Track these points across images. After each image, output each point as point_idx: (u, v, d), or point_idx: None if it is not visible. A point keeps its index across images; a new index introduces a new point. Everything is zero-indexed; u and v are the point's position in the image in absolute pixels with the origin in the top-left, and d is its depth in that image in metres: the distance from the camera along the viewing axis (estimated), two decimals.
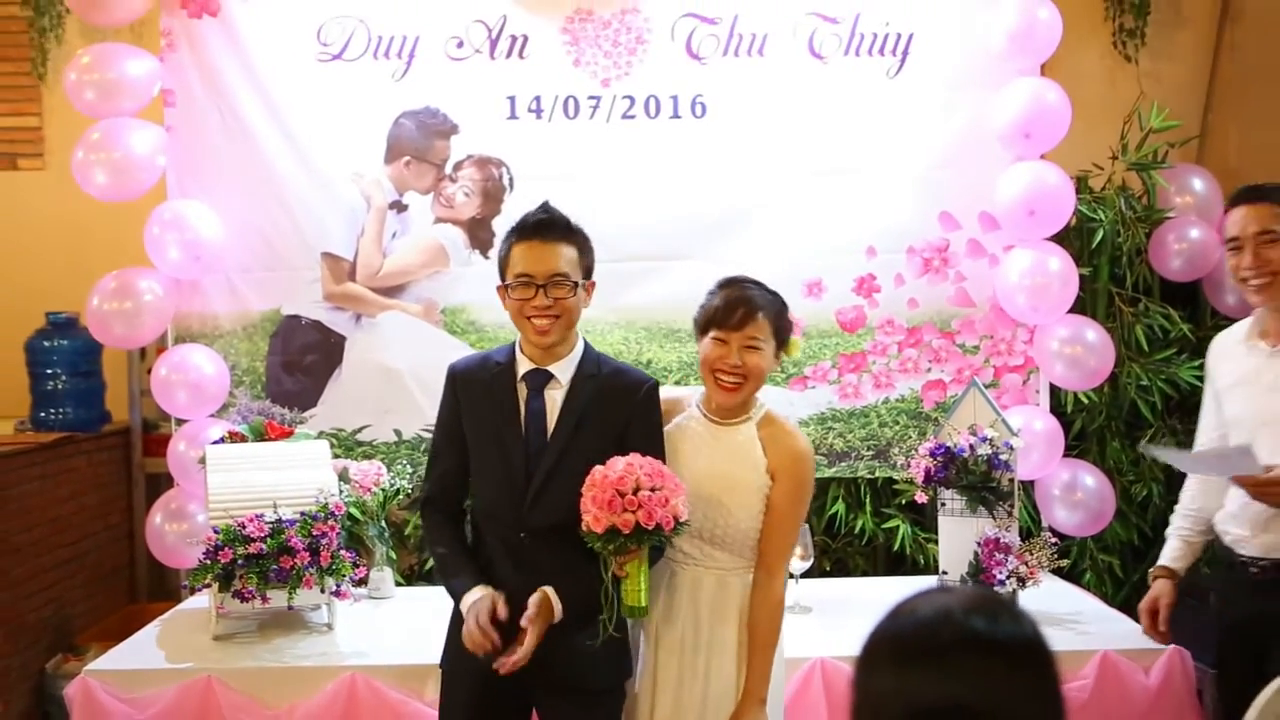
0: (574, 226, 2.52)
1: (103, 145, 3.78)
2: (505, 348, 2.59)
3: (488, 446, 2.50)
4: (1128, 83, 4.56)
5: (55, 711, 4.01)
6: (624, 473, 2.27)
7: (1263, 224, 2.64)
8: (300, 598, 3.01)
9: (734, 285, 2.55)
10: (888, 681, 1.15)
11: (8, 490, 4.08)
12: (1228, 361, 2.81)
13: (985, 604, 1.17)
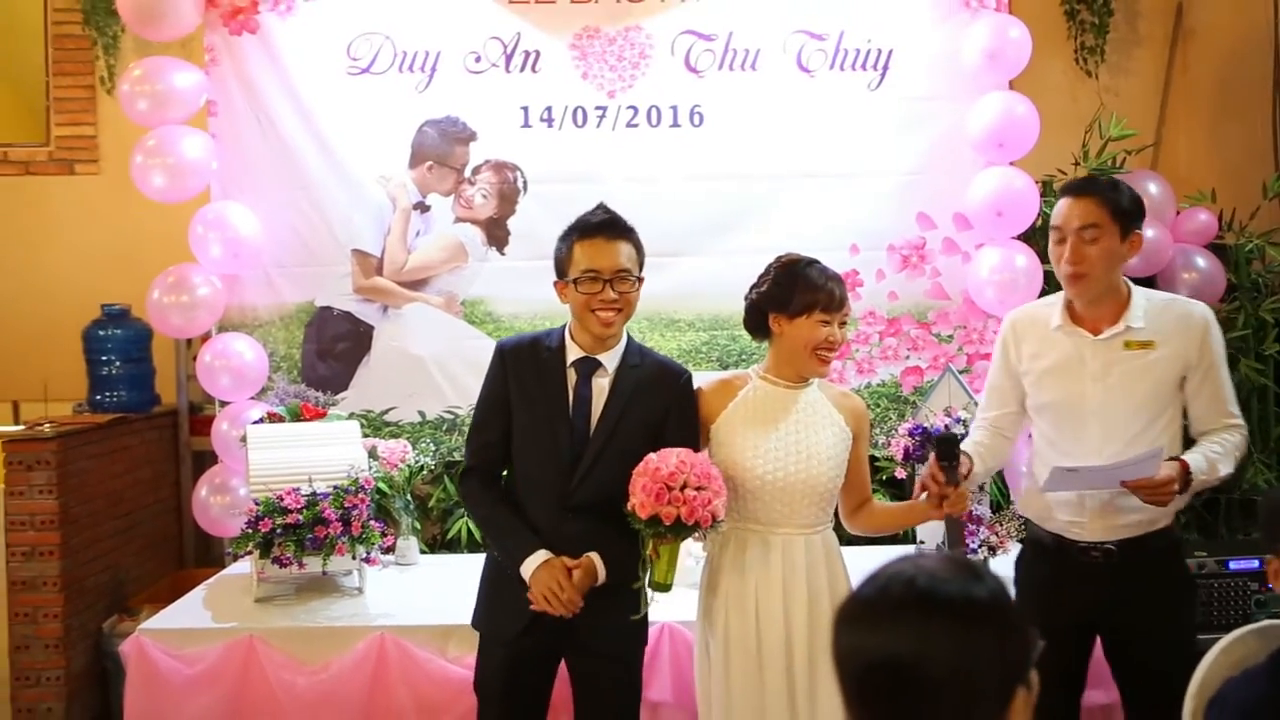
0: (630, 226, 2.47)
1: (158, 151, 3.76)
2: (555, 332, 2.51)
3: (536, 425, 2.44)
4: (1088, 96, 4.55)
5: (112, 667, 4.00)
6: (676, 469, 2.24)
7: (1085, 219, 2.42)
8: (333, 564, 3.01)
9: (817, 267, 2.48)
10: (844, 639, 1.12)
11: (68, 466, 4.06)
12: (1036, 344, 2.54)
13: (947, 566, 1.12)
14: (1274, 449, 3.96)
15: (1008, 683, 1.09)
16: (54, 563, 4.01)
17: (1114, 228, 2.43)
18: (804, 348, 2.42)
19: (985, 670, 1.08)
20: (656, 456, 2.29)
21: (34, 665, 4.01)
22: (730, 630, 2.44)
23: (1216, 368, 2.48)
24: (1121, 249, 2.46)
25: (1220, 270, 3.96)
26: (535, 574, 2.34)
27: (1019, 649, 1.11)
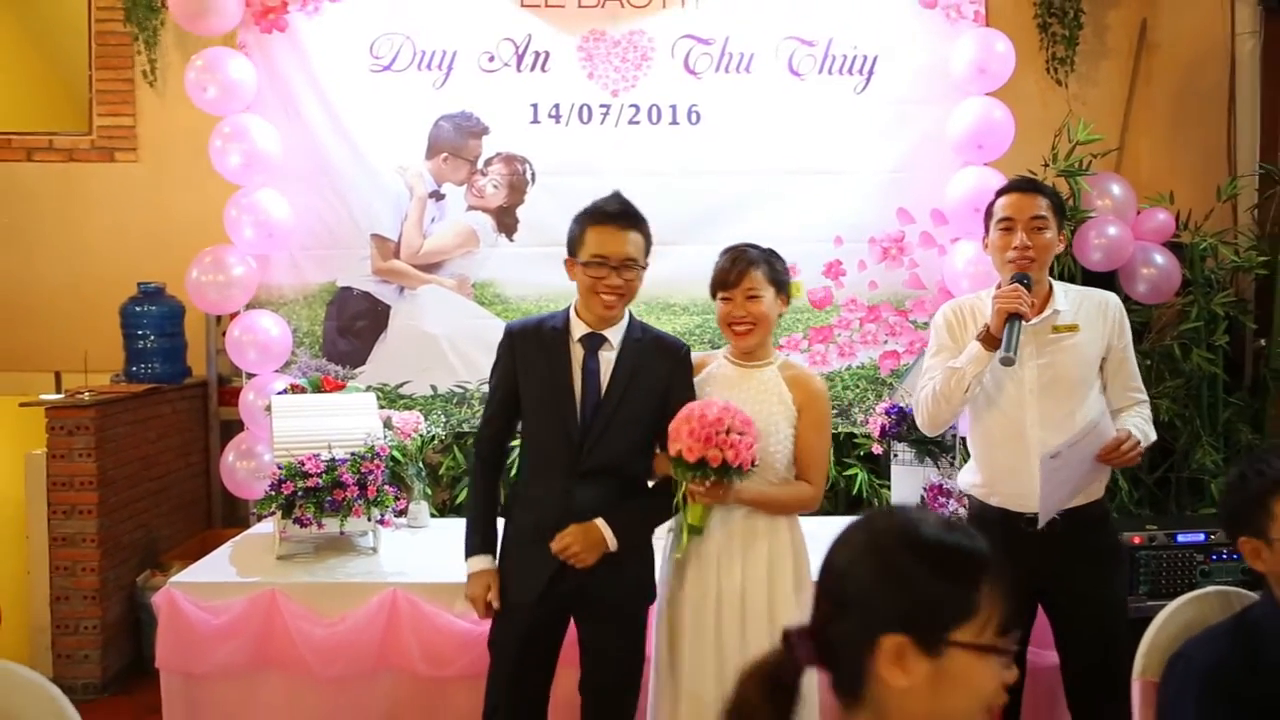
0: (641, 216, 2.44)
1: (234, 136, 3.77)
2: (559, 314, 2.49)
3: (546, 399, 2.41)
4: (1058, 103, 4.54)
5: (145, 618, 4.01)
6: (720, 414, 2.25)
7: (1036, 210, 2.46)
8: (350, 525, 3.00)
9: (730, 250, 2.52)
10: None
11: (105, 433, 4.06)
12: (976, 330, 2.49)
13: (940, 520, 1.11)
14: (1222, 433, 3.96)
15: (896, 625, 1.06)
16: (92, 521, 4.01)
17: (1055, 222, 2.51)
18: (721, 323, 2.50)
19: (888, 605, 1.07)
20: (699, 405, 2.29)
21: (73, 615, 4.02)
22: (688, 596, 2.45)
23: (1129, 348, 2.55)
24: (1058, 242, 2.53)
25: (1176, 266, 3.96)
26: (473, 576, 2.40)
27: (931, 605, 1.06)
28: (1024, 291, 2.37)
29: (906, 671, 1.05)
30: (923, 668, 1.05)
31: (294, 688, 2.80)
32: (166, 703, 2.84)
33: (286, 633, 2.77)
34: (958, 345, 2.56)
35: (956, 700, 1.06)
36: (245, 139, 3.75)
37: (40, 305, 4.91)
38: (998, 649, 1.07)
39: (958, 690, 1.06)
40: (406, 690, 2.81)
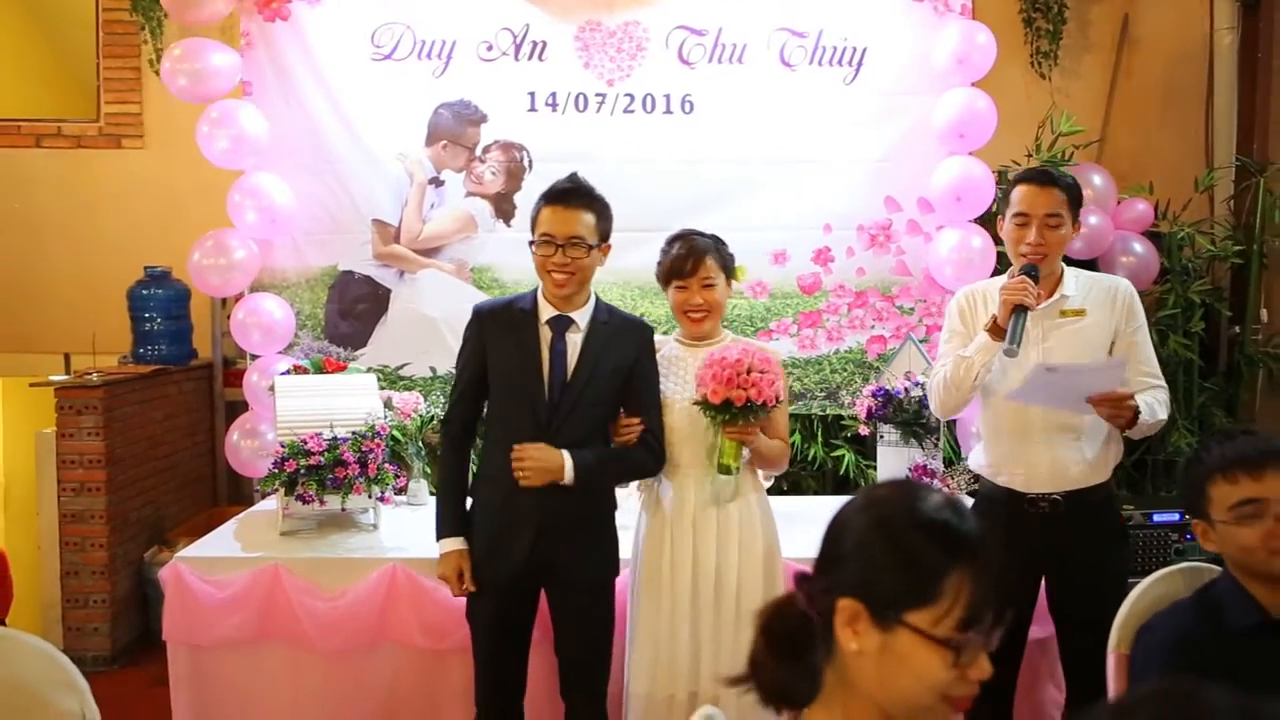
0: (595, 195, 2.40)
1: (221, 122, 3.73)
2: (528, 295, 2.47)
3: (514, 380, 2.40)
4: (1042, 95, 4.51)
5: (152, 593, 4.00)
6: (741, 356, 2.29)
7: (1051, 207, 2.41)
8: (351, 502, 2.98)
9: (681, 240, 2.51)
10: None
11: (113, 412, 4.04)
12: (987, 316, 2.45)
13: (943, 498, 1.09)
14: (1196, 416, 3.97)
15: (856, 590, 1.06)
16: (100, 498, 4.00)
17: (1070, 216, 2.45)
18: (675, 310, 2.52)
19: (854, 569, 1.07)
20: (719, 351, 2.34)
21: (82, 589, 4.01)
22: (647, 563, 2.49)
23: (1141, 333, 2.49)
24: (1072, 234, 2.48)
25: (1155, 255, 3.95)
26: (444, 555, 2.40)
27: (891, 580, 1.05)
28: (1030, 284, 2.34)
29: (858, 636, 1.05)
30: (874, 638, 1.04)
31: (296, 659, 2.79)
32: (173, 674, 2.83)
33: (289, 606, 2.76)
34: (969, 331, 2.54)
35: (902, 679, 1.04)
36: (234, 124, 3.70)
37: (50, 289, 4.89)
38: (947, 642, 1.02)
39: (903, 670, 1.04)
40: (405, 662, 2.80)
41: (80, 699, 1.63)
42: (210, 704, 2.82)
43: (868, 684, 1.06)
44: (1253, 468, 1.65)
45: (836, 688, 1.09)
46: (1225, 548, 1.69)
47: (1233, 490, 1.66)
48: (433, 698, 2.79)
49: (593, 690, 2.48)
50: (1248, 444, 1.68)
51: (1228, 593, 1.72)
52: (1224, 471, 1.67)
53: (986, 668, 1.05)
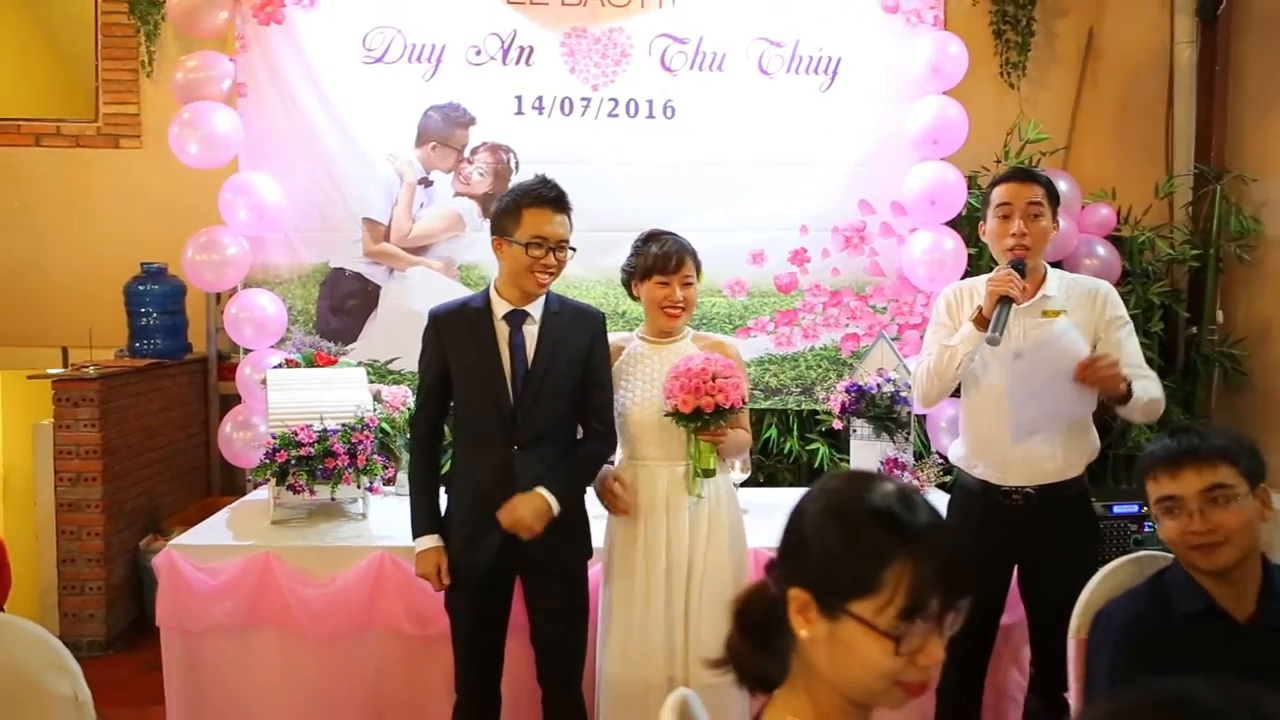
0: (569, 201, 2.41)
1: (192, 124, 3.69)
2: (479, 295, 2.45)
3: (478, 377, 2.37)
4: (1010, 104, 4.54)
5: (147, 580, 3.97)
6: (705, 365, 2.30)
7: (1033, 197, 2.42)
8: (341, 491, 2.96)
9: (659, 239, 2.51)
10: None
11: (110, 404, 4.02)
12: (970, 312, 2.45)
13: (898, 490, 1.08)
14: None
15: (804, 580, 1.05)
16: (96, 488, 3.97)
17: (1050, 210, 2.46)
18: (653, 305, 2.50)
19: (803, 560, 1.07)
20: (682, 362, 2.34)
21: (78, 576, 3.98)
22: (619, 552, 2.50)
23: (1124, 331, 2.46)
24: (1052, 228, 2.48)
25: (1117, 258, 3.98)
26: (420, 555, 2.40)
27: (834, 572, 1.04)
28: (1016, 277, 2.34)
29: (809, 624, 1.05)
30: (823, 627, 1.04)
31: (287, 644, 2.77)
32: (166, 659, 2.80)
33: (280, 593, 2.74)
34: (954, 324, 2.54)
35: (851, 666, 1.03)
36: (206, 125, 3.66)
37: (48, 284, 4.84)
38: (888, 633, 1.00)
39: (850, 658, 1.03)
40: (392, 647, 2.78)
41: (73, 682, 1.62)
42: (202, 688, 2.80)
43: (823, 670, 1.06)
44: (1171, 466, 1.67)
45: (801, 671, 1.09)
46: (1163, 537, 1.72)
47: (1156, 487, 1.70)
48: (419, 682, 2.78)
49: (568, 675, 2.48)
50: (1174, 443, 1.70)
51: (1176, 581, 1.73)
52: (1151, 469, 1.71)
53: (937, 654, 1.03)
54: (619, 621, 2.48)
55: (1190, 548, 1.65)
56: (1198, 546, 1.64)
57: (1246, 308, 4.08)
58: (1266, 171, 3.98)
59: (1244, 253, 3.97)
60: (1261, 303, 4.02)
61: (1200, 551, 1.64)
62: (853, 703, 1.07)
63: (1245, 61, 4.10)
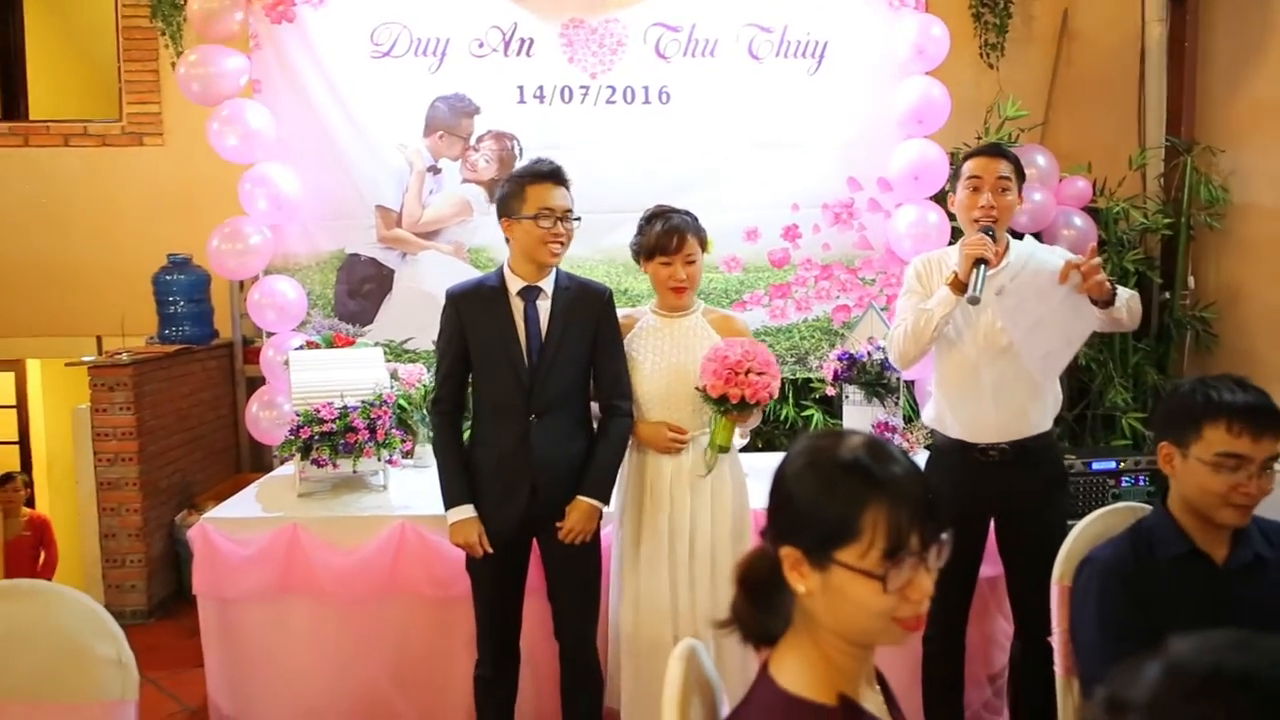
0: (567, 176, 2.41)
1: (230, 120, 3.64)
2: (492, 274, 2.45)
3: (495, 352, 2.37)
4: (990, 83, 4.49)
5: (183, 553, 3.99)
6: (743, 357, 2.27)
7: (1001, 172, 2.40)
8: (362, 465, 2.96)
9: (662, 218, 2.47)
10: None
11: (143, 388, 4.02)
12: (940, 281, 2.45)
13: (874, 442, 1.08)
14: (1131, 375, 3.97)
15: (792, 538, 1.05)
16: (133, 467, 3.97)
17: (1017, 185, 2.44)
18: (659, 283, 2.49)
19: (789, 519, 1.07)
20: (725, 346, 2.32)
21: (119, 550, 4.00)
22: (630, 516, 2.50)
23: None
24: (1017, 202, 2.47)
25: (1093, 228, 3.94)
26: (457, 525, 2.38)
27: (816, 525, 1.04)
28: (989, 240, 2.33)
29: (803, 579, 1.05)
30: (815, 579, 1.04)
31: (315, 609, 2.78)
32: (204, 625, 2.82)
33: (307, 561, 2.75)
34: (925, 291, 2.52)
35: (848, 611, 1.04)
36: (241, 121, 3.62)
37: (81, 276, 4.84)
38: (873, 574, 1.01)
39: (845, 604, 1.03)
40: (415, 610, 2.79)
41: (116, 645, 1.63)
42: (238, 651, 2.81)
43: (823, 618, 1.06)
44: (1256, 428, 1.58)
45: (803, 622, 1.09)
46: (1185, 481, 1.65)
47: (1229, 440, 1.59)
48: (441, 641, 2.79)
49: (583, 633, 2.49)
50: (1259, 402, 1.60)
51: (1158, 526, 1.72)
52: (1233, 420, 1.59)
53: (926, 587, 1.03)
54: (631, 582, 2.49)
55: (1230, 504, 1.60)
56: (1239, 505, 1.60)
57: (1216, 273, 4.05)
58: (1234, 142, 3.94)
59: (1213, 220, 3.93)
60: (1230, 268, 3.99)
61: (1237, 510, 1.61)
62: (855, 644, 1.08)
63: (1213, 38, 4.05)
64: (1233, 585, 1.64)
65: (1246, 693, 0.58)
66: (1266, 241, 3.79)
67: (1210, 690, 0.59)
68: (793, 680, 1.07)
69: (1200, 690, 0.59)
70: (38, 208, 4.84)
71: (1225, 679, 0.59)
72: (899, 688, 1.22)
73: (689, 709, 1.12)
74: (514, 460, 2.36)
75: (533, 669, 2.66)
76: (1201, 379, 1.67)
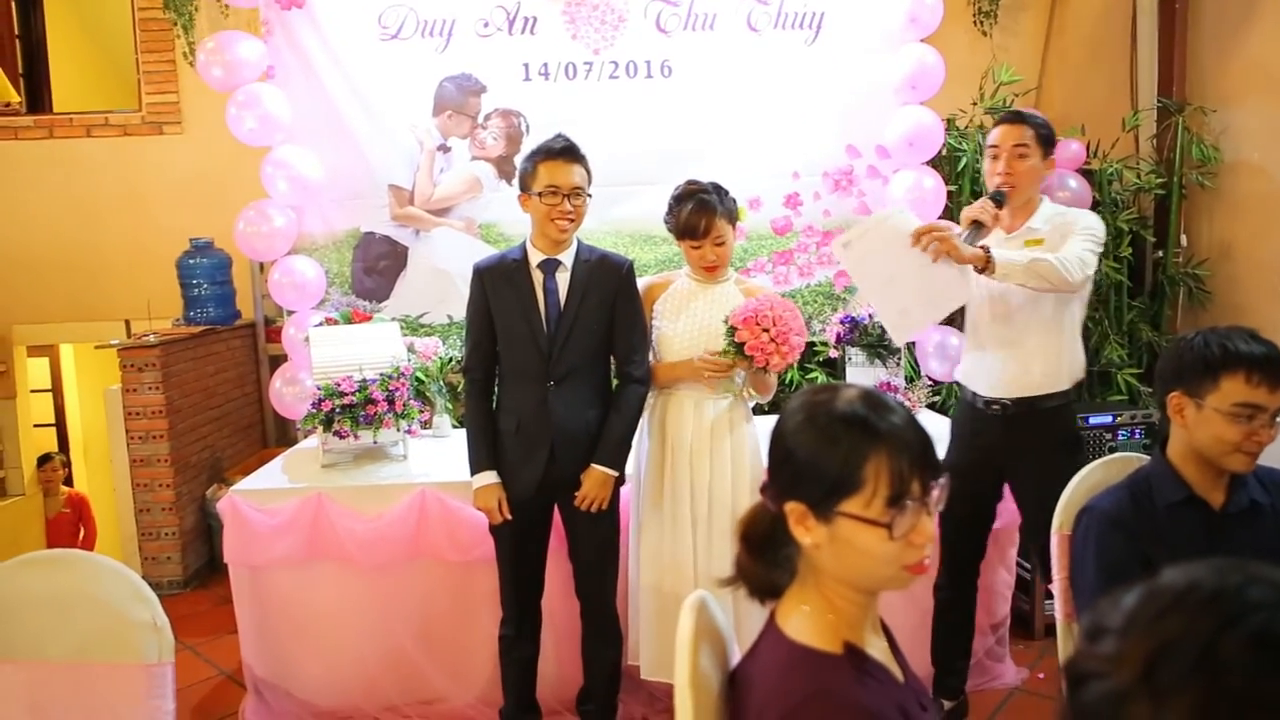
0: (582, 152, 2.39)
1: (247, 104, 3.57)
2: (516, 248, 2.45)
3: (516, 321, 2.38)
4: (984, 50, 4.42)
5: (214, 524, 4.00)
6: (771, 317, 2.26)
7: (1018, 139, 2.38)
8: (382, 435, 2.96)
9: (691, 199, 2.42)
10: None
11: (170, 368, 4.02)
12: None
13: (864, 394, 1.06)
14: (1126, 331, 3.93)
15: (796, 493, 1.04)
16: (164, 444, 3.98)
17: (1038, 149, 2.40)
18: (693, 264, 2.48)
19: (792, 475, 1.05)
20: (772, 300, 2.32)
21: (154, 524, 4.02)
22: (649, 476, 2.49)
23: (1072, 234, 2.35)
24: (1042, 166, 2.43)
25: (1088, 189, 3.87)
26: (480, 490, 2.39)
27: (819, 478, 1.02)
28: (990, 204, 2.32)
29: (809, 532, 1.04)
30: (822, 531, 1.03)
31: (341, 575, 2.78)
32: (236, 592, 2.83)
33: (333, 529, 2.75)
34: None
35: (855, 560, 1.03)
36: (259, 105, 3.56)
37: (107, 262, 4.83)
38: (878, 522, 1.00)
39: (852, 553, 1.02)
40: (438, 573, 2.79)
41: (151, 610, 1.65)
42: (269, 616, 2.83)
43: (830, 569, 1.05)
44: (1276, 379, 1.55)
45: (809, 573, 1.08)
46: (1197, 430, 1.62)
47: (1248, 391, 1.55)
48: (464, 603, 2.80)
49: (604, 590, 2.49)
50: (1275, 353, 1.57)
51: (1157, 474, 1.70)
52: (1251, 371, 1.55)
53: (929, 531, 1.02)
54: (650, 540, 2.47)
55: (1241, 451, 1.58)
56: (1249, 453, 1.58)
57: (1208, 230, 3.99)
58: (1224, 102, 3.86)
59: (1205, 179, 3.86)
60: (1222, 225, 3.93)
61: (1247, 458, 1.59)
62: (861, 592, 1.07)
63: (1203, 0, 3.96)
64: (1229, 530, 1.63)
65: (1211, 608, 0.56)
66: (1257, 198, 3.72)
67: (1178, 607, 0.57)
68: (799, 630, 1.06)
69: (1170, 608, 0.58)
70: (65, 198, 4.83)
71: (1195, 597, 0.57)
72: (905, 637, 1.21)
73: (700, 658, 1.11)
74: (533, 425, 2.37)
75: (555, 628, 2.66)
76: (1213, 330, 1.63)
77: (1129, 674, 0.56)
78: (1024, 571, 3.21)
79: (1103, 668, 0.57)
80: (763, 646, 1.10)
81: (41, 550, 1.72)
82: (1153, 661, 0.55)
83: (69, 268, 4.84)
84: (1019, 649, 3.09)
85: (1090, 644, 0.60)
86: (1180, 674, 0.54)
